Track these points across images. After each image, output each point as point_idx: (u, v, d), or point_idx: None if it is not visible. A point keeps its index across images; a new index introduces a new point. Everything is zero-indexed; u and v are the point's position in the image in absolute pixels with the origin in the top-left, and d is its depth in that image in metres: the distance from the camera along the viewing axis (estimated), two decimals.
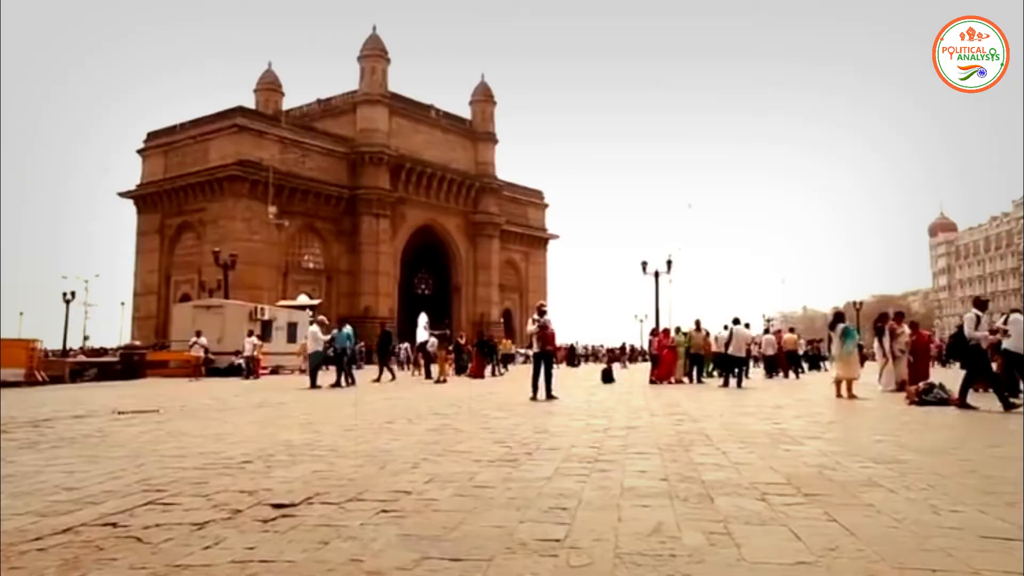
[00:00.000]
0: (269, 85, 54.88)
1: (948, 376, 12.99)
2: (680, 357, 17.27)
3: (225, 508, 3.20)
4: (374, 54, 48.16)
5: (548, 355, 11.12)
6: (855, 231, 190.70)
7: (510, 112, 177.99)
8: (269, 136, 43.50)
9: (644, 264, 27.94)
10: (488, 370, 21.71)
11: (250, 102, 51.23)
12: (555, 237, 64.85)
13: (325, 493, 3.51)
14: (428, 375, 19.66)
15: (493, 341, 24.56)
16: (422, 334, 43.97)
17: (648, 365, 19.41)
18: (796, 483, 3.73)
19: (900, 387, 11.63)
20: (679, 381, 16.71)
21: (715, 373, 17.87)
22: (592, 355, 45.49)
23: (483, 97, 56.78)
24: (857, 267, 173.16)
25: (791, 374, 20.00)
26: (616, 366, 24.43)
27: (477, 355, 21.71)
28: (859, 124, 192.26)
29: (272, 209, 38.32)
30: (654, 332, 19.02)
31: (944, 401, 9.27)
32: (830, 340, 13.22)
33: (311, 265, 46.00)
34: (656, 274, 27.56)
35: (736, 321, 15.45)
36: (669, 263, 28.04)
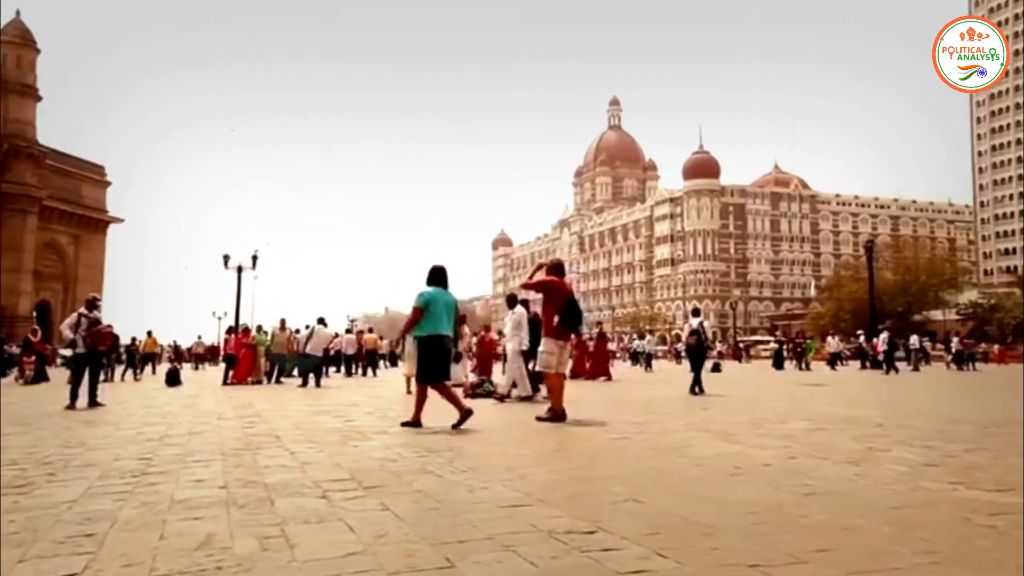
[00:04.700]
0: None
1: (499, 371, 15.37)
2: (260, 356, 16.68)
3: None
4: None
5: (98, 355, 9.51)
6: (435, 240, 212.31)
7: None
8: None
9: (226, 258, 26.18)
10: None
11: None
12: (119, 220, 56.12)
13: None
14: None
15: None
16: None
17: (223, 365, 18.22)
18: (359, 478, 3.85)
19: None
20: (257, 382, 16.13)
21: (295, 373, 17.74)
22: (171, 356, 40.84)
23: (19, 39, 45.43)
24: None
25: (370, 372, 21.07)
26: (187, 366, 22.36)
27: None
28: (452, 145, 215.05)
29: None
30: (231, 330, 17.96)
31: (491, 393, 10.85)
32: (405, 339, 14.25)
33: None
34: (239, 269, 26.08)
35: (320, 321, 15.59)
36: (255, 258, 26.84)
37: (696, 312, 12.95)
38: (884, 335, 23.78)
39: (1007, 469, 4.14)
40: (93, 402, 9.09)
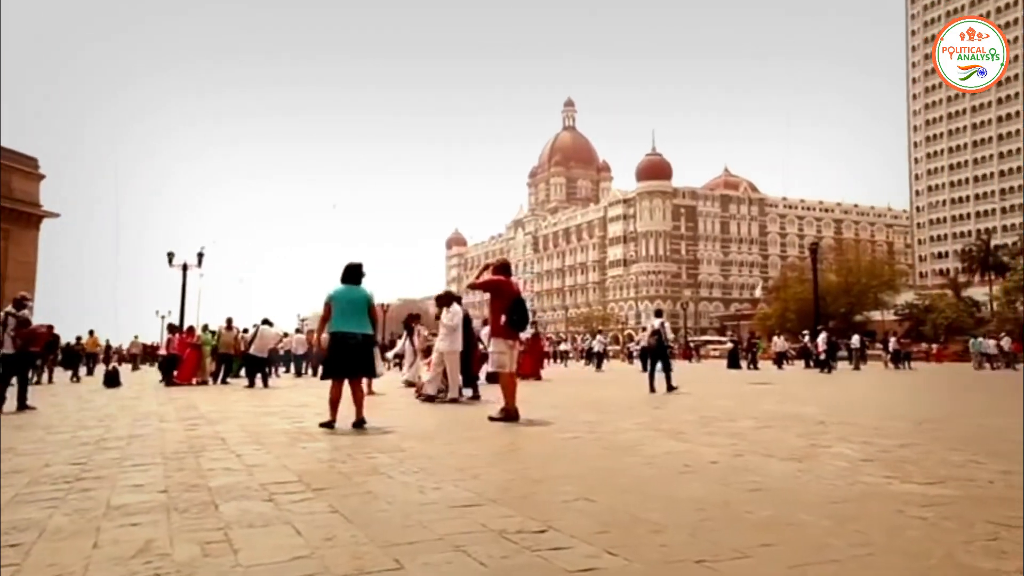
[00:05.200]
0: None
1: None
2: (205, 356, 16.28)
3: None
4: None
5: (28, 357, 9.09)
6: (390, 238, 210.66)
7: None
8: None
9: (171, 255, 25.39)
10: None
11: None
12: (54, 215, 53.46)
13: None
14: None
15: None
16: None
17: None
18: (307, 479, 3.78)
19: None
20: (203, 382, 15.74)
21: (242, 373, 17.38)
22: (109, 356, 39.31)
23: None
24: (387, 273, 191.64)
25: (320, 372, 20.69)
26: (126, 367, 21.63)
27: None
28: (397, 148, 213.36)
29: None
30: (174, 329, 17.45)
31: (444, 392, 10.76)
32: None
33: None
34: (184, 267, 25.32)
35: (265, 321, 15.32)
36: (200, 256, 26.11)
37: (659, 313, 13.29)
38: (823, 335, 24.61)
39: (937, 463, 4.33)
40: (23, 406, 8.69)
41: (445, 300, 10.48)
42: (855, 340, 28.44)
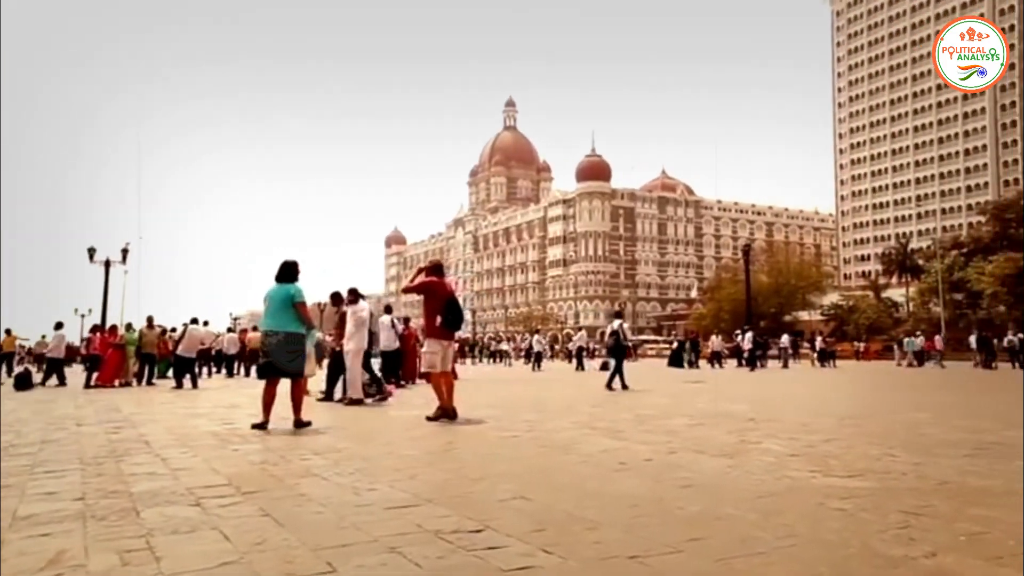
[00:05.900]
0: None
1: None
2: (129, 357, 15.62)
3: None
4: None
5: None
6: (329, 238, 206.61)
7: None
8: None
9: (92, 251, 24.12)
10: None
11: None
12: None
13: None
14: None
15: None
16: None
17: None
18: (237, 483, 3.67)
19: None
20: (126, 383, 15.10)
21: (169, 374, 16.75)
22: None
23: None
24: (325, 271, 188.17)
25: (253, 372, 20.12)
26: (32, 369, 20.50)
27: None
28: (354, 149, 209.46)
29: None
30: (96, 329, 16.66)
31: (377, 394, 10.61)
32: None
33: None
34: (107, 263, 24.11)
35: (194, 320, 14.84)
36: (125, 252, 24.93)
37: (619, 314, 13.55)
38: (749, 335, 25.44)
39: (857, 457, 4.54)
40: None
41: (350, 298, 9.55)
42: (784, 339, 29.55)
